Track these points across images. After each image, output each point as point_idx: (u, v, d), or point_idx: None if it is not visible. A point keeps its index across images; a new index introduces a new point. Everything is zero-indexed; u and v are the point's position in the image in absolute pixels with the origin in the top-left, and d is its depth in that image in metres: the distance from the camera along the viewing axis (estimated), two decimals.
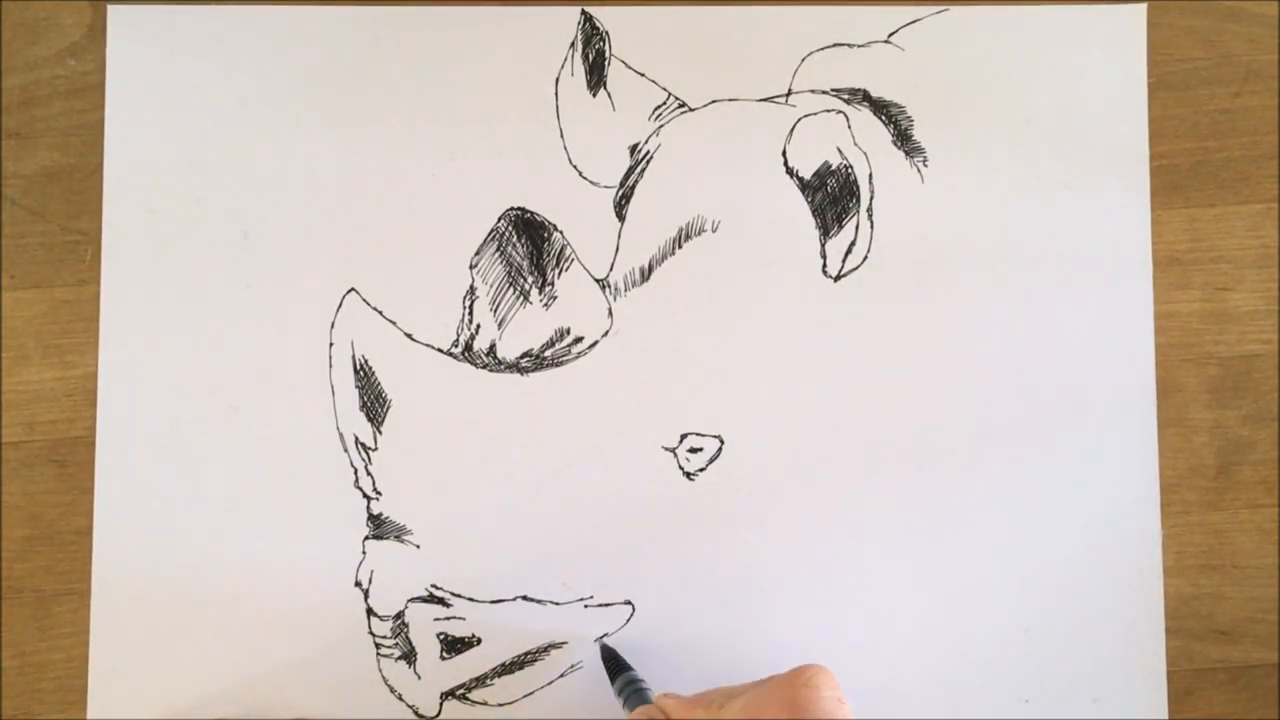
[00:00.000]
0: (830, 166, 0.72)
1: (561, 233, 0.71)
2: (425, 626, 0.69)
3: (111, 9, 0.72)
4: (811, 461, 0.70)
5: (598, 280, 0.71)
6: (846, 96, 0.73)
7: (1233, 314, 0.74)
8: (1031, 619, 0.71)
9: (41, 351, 0.71)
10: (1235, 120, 0.75)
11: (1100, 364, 0.73)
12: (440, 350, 0.70)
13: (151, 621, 0.69)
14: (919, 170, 0.73)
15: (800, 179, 0.72)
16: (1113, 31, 0.74)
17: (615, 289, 0.71)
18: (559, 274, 0.71)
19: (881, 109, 0.73)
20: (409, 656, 0.69)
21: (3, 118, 0.72)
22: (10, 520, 0.70)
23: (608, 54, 0.72)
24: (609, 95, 0.72)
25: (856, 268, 0.72)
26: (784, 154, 0.72)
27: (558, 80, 0.72)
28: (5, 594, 0.70)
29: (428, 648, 0.69)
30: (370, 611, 0.69)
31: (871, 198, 0.72)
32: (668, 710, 0.63)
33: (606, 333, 0.71)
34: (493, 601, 0.70)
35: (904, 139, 0.73)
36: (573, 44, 0.72)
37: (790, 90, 0.73)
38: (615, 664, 0.69)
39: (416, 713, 0.69)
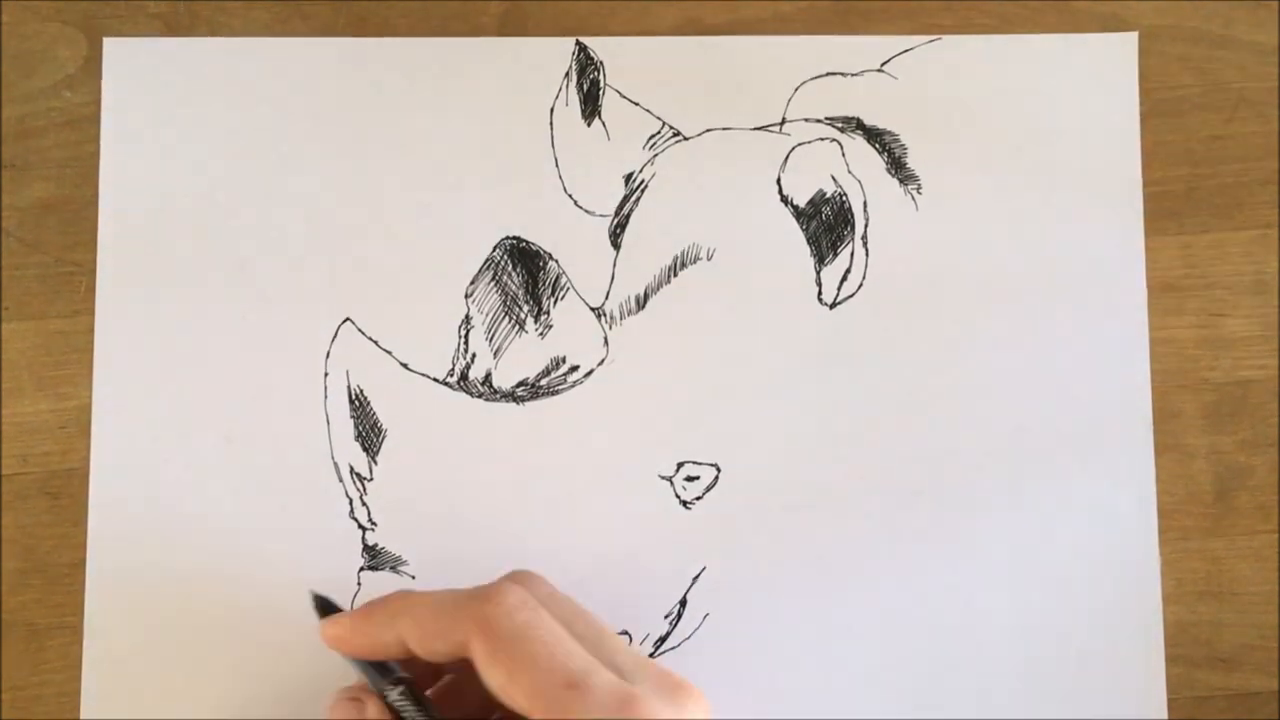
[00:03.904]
0: (824, 194, 0.72)
1: (557, 261, 0.71)
2: None
3: (108, 41, 0.72)
4: (808, 489, 0.70)
5: (593, 309, 0.71)
6: (840, 125, 0.73)
7: (1228, 340, 0.74)
8: (1030, 648, 0.71)
9: (36, 383, 0.71)
10: (1228, 146, 0.75)
11: (1096, 391, 0.73)
12: (436, 380, 0.70)
13: (145, 655, 0.69)
14: (913, 198, 0.73)
15: (795, 207, 0.72)
16: (1104, 60, 0.74)
17: (611, 318, 0.71)
18: (554, 303, 0.71)
19: (875, 137, 0.73)
20: None
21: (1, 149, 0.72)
22: (5, 553, 0.70)
23: (602, 84, 0.73)
24: (604, 125, 0.73)
25: (851, 295, 0.72)
26: (778, 182, 0.73)
27: (552, 110, 0.73)
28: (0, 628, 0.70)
29: None
30: None
31: (866, 225, 0.73)
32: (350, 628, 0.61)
33: (602, 361, 0.71)
34: None
35: (898, 167, 0.73)
36: (567, 74, 0.73)
37: (784, 119, 0.73)
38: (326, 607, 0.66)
39: None
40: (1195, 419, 0.74)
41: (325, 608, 0.64)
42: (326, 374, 0.70)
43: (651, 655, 0.70)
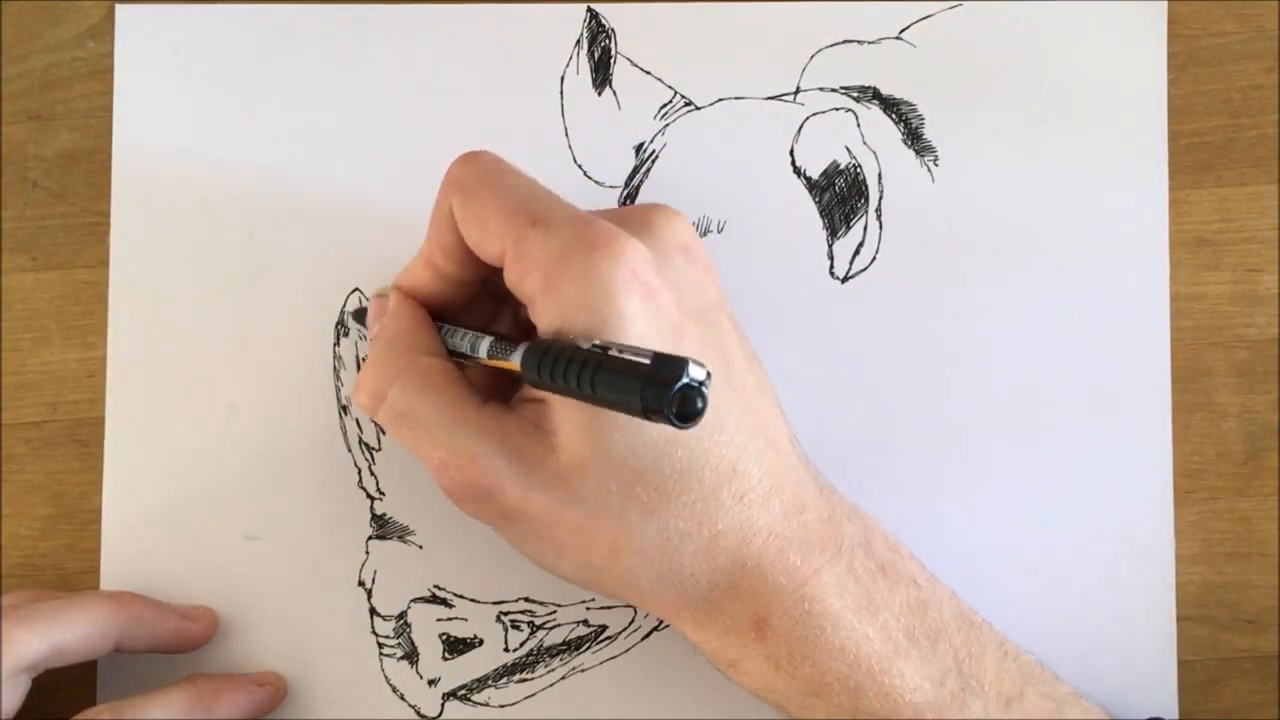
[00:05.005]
0: (838, 166, 0.71)
1: None
2: (428, 627, 0.70)
3: (120, 8, 0.72)
4: (818, 463, 0.68)
5: None
6: (856, 94, 0.72)
7: (1264, 296, 0.73)
8: (1043, 610, 0.71)
9: (64, 332, 0.72)
10: (1269, 96, 0.73)
11: (1115, 355, 0.72)
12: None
13: None
14: (929, 170, 0.72)
15: (807, 179, 0.71)
16: (1132, 26, 0.72)
17: None
18: None
19: (891, 107, 0.72)
20: (411, 656, 0.70)
21: (25, 100, 0.72)
22: (34, 499, 0.72)
23: (613, 51, 0.72)
24: (614, 93, 0.72)
25: (864, 269, 0.72)
26: (791, 153, 0.72)
27: (562, 78, 0.72)
28: (29, 572, 0.71)
29: (430, 648, 0.70)
30: (373, 611, 0.70)
31: (880, 198, 0.72)
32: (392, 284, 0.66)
33: None
34: (495, 603, 0.70)
35: (914, 138, 0.72)
36: (578, 42, 0.72)
37: (798, 88, 0.72)
38: (361, 314, 0.71)
39: (418, 713, 0.70)
40: (1227, 377, 0.72)
41: (359, 313, 0.70)
42: (336, 343, 0.71)
43: (655, 629, 0.71)
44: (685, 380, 0.47)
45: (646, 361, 0.49)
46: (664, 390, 0.47)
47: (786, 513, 0.59)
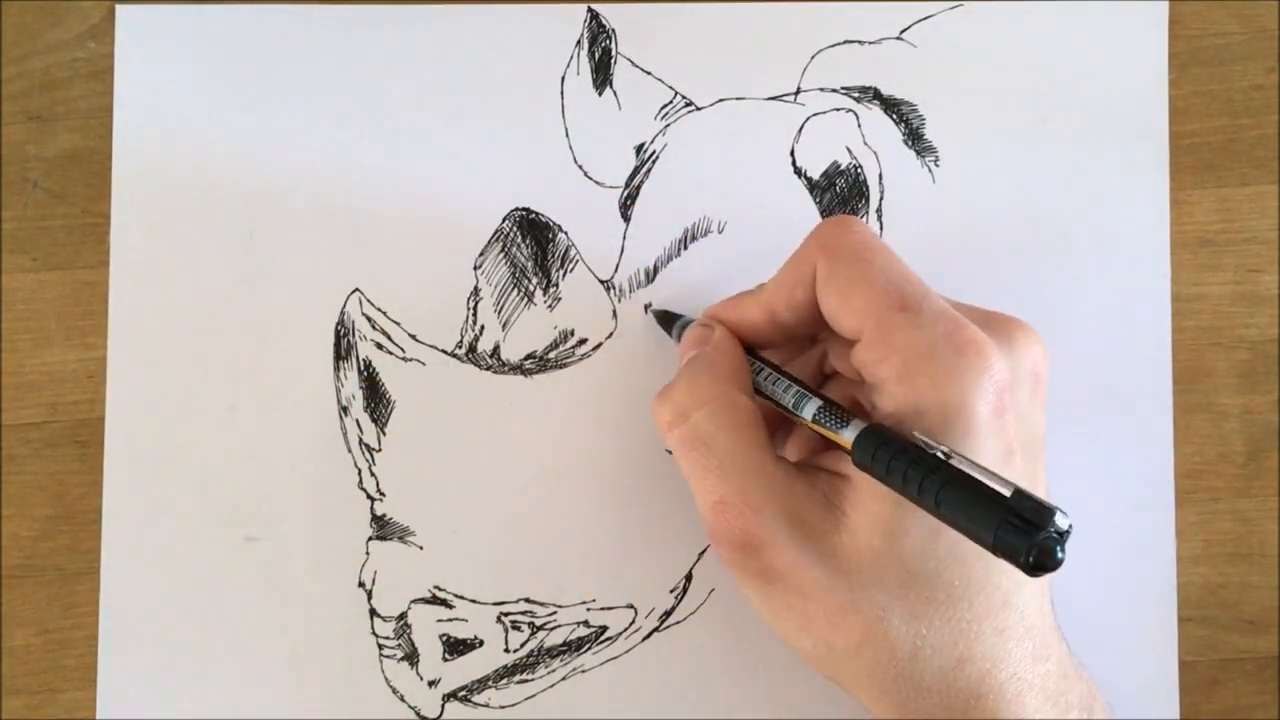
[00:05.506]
0: (839, 166, 0.71)
1: (566, 233, 0.71)
2: (428, 628, 0.70)
3: (119, 9, 0.72)
4: None
5: (602, 281, 0.71)
6: (856, 95, 0.72)
7: (1265, 297, 0.73)
8: None
9: (64, 333, 0.72)
10: (1270, 96, 0.73)
11: (1117, 355, 0.72)
12: (444, 351, 0.70)
13: (156, 621, 0.70)
14: (930, 170, 0.72)
15: (808, 179, 0.71)
16: (1133, 25, 0.72)
17: (620, 290, 0.71)
18: (563, 275, 0.71)
19: (892, 107, 0.72)
20: (411, 657, 0.70)
21: (25, 100, 0.72)
22: (34, 500, 0.71)
23: (614, 52, 0.72)
24: (615, 94, 0.72)
25: None
26: (792, 153, 0.72)
27: (563, 79, 0.72)
28: (29, 572, 0.71)
29: (430, 649, 0.70)
30: (373, 612, 0.70)
31: (881, 198, 0.72)
32: (714, 312, 0.65)
33: (610, 335, 0.71)
34: (495, 603, 0.70)
35: (915, 138, 0.72)
36: (579, 42, 0.72)
37: (799, 88, 0.72)
38: (667, 318, 0.70)
39: (419, 714, 0.70)
40: (1228, 378, 0.73)
41: (667, 316, 0.70)
42: (335, 345, 0.71)
43: (656, 630, 0.70)
44: (1049, 530, 0.46)
45: (1006, 493, 0.48)
46: (1027, 536, 0.46)
47: (1035, 657, 0.58)
